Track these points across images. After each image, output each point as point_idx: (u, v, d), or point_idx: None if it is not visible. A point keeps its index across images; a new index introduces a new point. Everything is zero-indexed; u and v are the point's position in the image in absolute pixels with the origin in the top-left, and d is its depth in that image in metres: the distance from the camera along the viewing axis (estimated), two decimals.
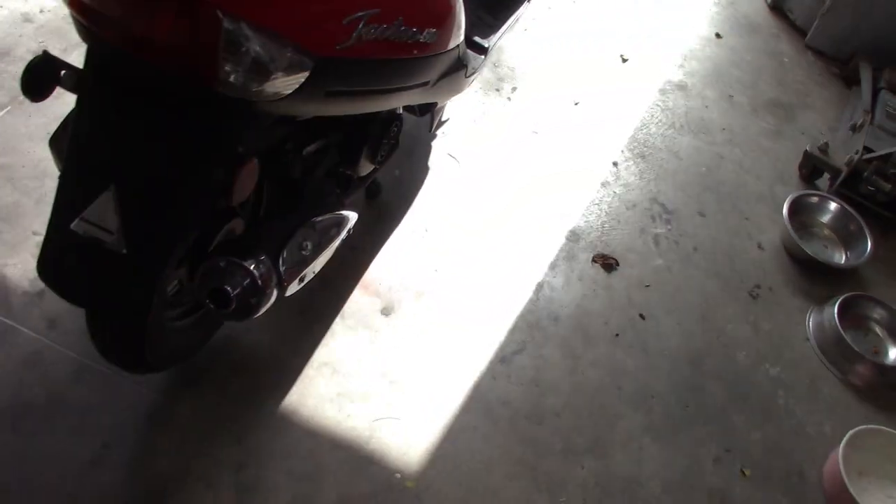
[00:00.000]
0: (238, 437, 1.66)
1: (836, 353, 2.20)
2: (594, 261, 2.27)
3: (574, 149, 2.60)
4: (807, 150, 2.73)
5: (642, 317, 2.17)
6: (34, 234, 1.84)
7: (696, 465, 1.89)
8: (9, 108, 2.07)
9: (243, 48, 1.02)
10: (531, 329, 2.04)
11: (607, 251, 2.30)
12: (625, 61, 3.05)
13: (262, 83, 1.07)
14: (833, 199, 2.62)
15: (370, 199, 2.16)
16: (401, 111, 1.77)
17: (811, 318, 2.32)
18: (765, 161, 2.83)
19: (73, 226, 1.19)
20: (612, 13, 3.28)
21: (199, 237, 1.40)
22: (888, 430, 1.98)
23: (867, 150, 2.62)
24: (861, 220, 2.55)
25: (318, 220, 1.49)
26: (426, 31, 1.36)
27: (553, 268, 2.21)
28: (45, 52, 1.22)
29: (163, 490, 1.56)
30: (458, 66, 1.69)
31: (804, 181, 2.79)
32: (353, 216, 1.59)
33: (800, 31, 3.57)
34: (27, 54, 2.21)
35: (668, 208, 2.51)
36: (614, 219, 2.42)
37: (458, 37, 1.59)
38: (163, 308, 1.42)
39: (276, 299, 1.36)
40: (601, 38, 3.11)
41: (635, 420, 1.94)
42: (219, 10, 1.00)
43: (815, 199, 2.63)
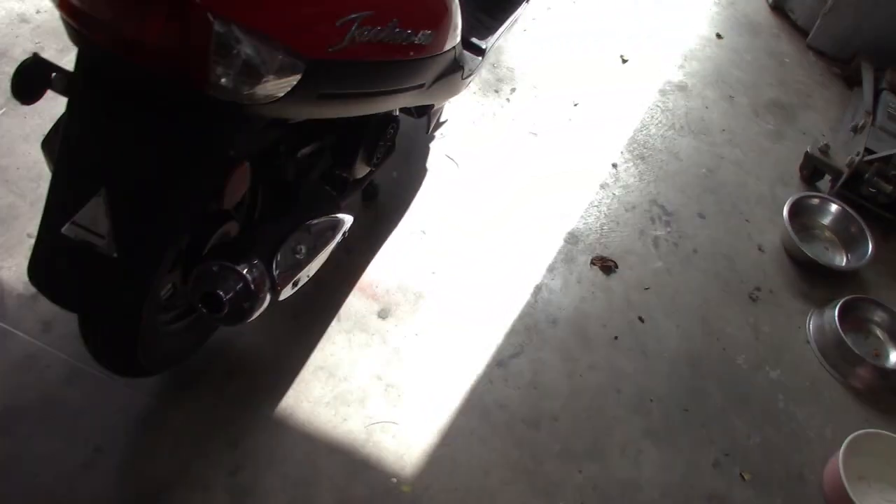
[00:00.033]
0: (233, 440, 1.65)
1: (837, 355, 2.19)
2: (593, 263, 2.25)
3: (573, 150, 2.59)
4: (808, 152, 2.71)
5: (641, 319, 2.16)
6: (29, 236, 1.83)
7: (696, 468, 1.88)
8: (4, 109, 2.07)
9: (234, 51, 1.01)
10: (529, 332, 2.03)
11: (606, 253, 2.29)
12: (625, 62, 3.03)
13: (253, 86, 1.06)
14: (834, 201, 2.60)
15: (367, 201, 2.15)
16: (397, 113, 1.76)
17: (811, 321, 2.31)
18: (765, 162, 2.82)
19: (64, 230, 1.18)
20: (611, 13, 3.26)
21: (192, 240, 1.40)
22: (889, 434, 1.96)
23: (868, 151, 2.61)
24: (862, 222, 2.53)
25: (313, 223, 1.48)
26: (421, 32, 1.34)
27: (551, 270, 2.19)
28: (35, 54, 1.21)
29: (157, 494, 1.55)
30: (455, 68, 1.67)
31: (805, 182, 2.77)
32: (348, 219, 1.58)
33: (801, 32, 3.55)
34: (23, 55, 2.18)
35: (667, 210, 2.50)
36: (613, 221, 2.40)
37: (455, 38, 1.57)
38: (156, 311, 1.41)
39: (270, 304, 1.35)
40: (601, 39, 3.09)
41: (634, 424, 1.93)
42: (209, 13, 0.98)
43: (815, 201, 2.61)
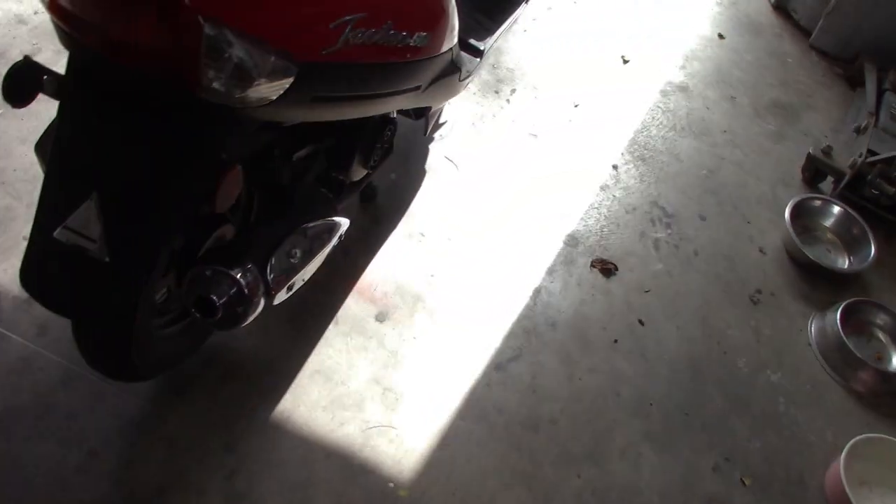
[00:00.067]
0: (229, 444, 1.64)
1: (839, 359, 2.17)
2: (593, 265, 2.24)
3: (573, 151, 2.57)
4: (810, 153, 2.69)
5: (641, 322, 2.14)
6: (25, 238, 1.78)
7: (695, 473, 1.86)
8: (1, 111, 2.06)
9: (225, 54, 1.00)
10: (528, 335, 2.02)
11: (606, 256, 2.28)
12: (626, 62, 3.01)
13: (244, 89, 1.05)
14: (836, 203, 2.58)
15: (365, 203, 2.14)
16: (394, 115, 1.75)
17: (813, 324, 2.29)
18: (767, 163, 2.80)
19: (55, 234, 1.17)
20: (612, 14, 3.25)
21: (187, 243, 1.38)
22: (891, 438, 1.95)
23: (871, 152, 2.59)
24: (864, 223, 2.51)
25: (309, 226, 1.47)
26: (417, 34, 1.33)
27: (551, 273, 2.18)
28: (27, 57, 1.20)
29: (151, 498, 1.54)
30: (452, 70, 1.66)
31: (807, 184, 2.76)
32: (344, 222, 1.57)
33: (804, 31, 3.54)
34: (20, 56, 2.18)
35: (668, 212, 2.48)
36: (613, 223, 2.39)
37: (452, 40, 1.56)
38: (150, 315, 1.40)
39: (264, 308, 1.34)
40: (602, 39, 3.08)
41: (633, 427, 1.91)
42: (200, 16, 0.97)
43: (817, 203, 2.59)
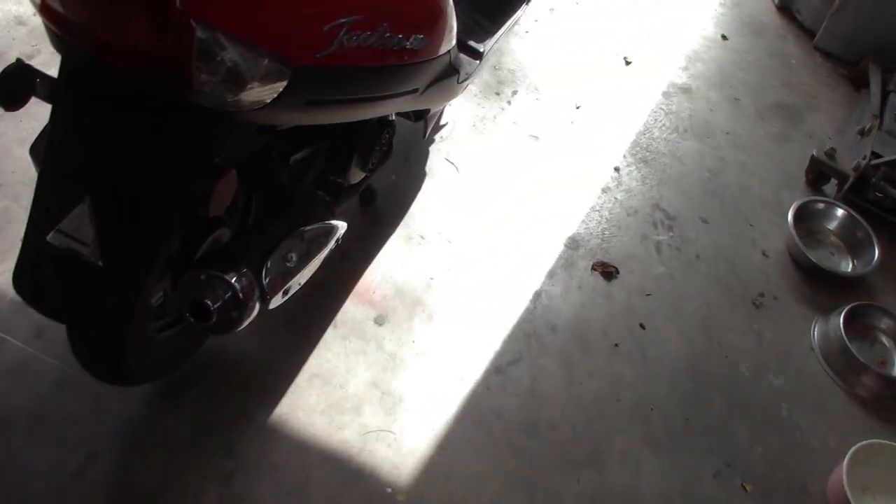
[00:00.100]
0: (227, 448, 1.63)
1: (842, 363, 2.15)
2: (594, 269, 2.22)
3: (575, 154, 2.56)
4: (813, 155, 2.67)
5: (642, 326, 2.13)
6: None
7: (696, 479, 1.85)
8: (0, 112, 2.05)
9: (217, 57, 0.99)
10: (528, 339, 2.00)
11: (607, 259, 2.26)
12: (628, 64, 3.00)
13: (237, 93, 1.04)
14: (840, 206, 2.56)
15: (365, 206, 2.13)
16: (393, 117, 1.74)
17: (816, 328, 2.27)
18: (770, 165, 2.78)
19: (49, 238, 1.16)
20: (614, 15, 3.23)
21: (184, 247, 1.38)
22: (894, 444, 1.92)
23: (875, 155, 2.57)
24: (868, 227, 2.49)
25: (306, 230, 1.46)
26: (413, 37, 1.32)
27: (551, 276, 2.17)
28: (19, 60, 1.19)
29: (148, 502, 1.53)
30: (450, 72, 1.65)
31: (811, 186, 2.74)
32: (342, 226, 1.56)
33: (808, 33, 3.51)
34: (22, 58, 2.18)
35: (670, 214, 2.47)
36: (615, 225, 2.37)
37: (450, 42, 1.55)
38: (146, 319, 1.39)
39: (259, 313, 1.33)
40: (604, 40, 3.06)
41: (634, 432, 1.90)
42: (192, 20, 0.96)
43: (821, 206, 2.57)
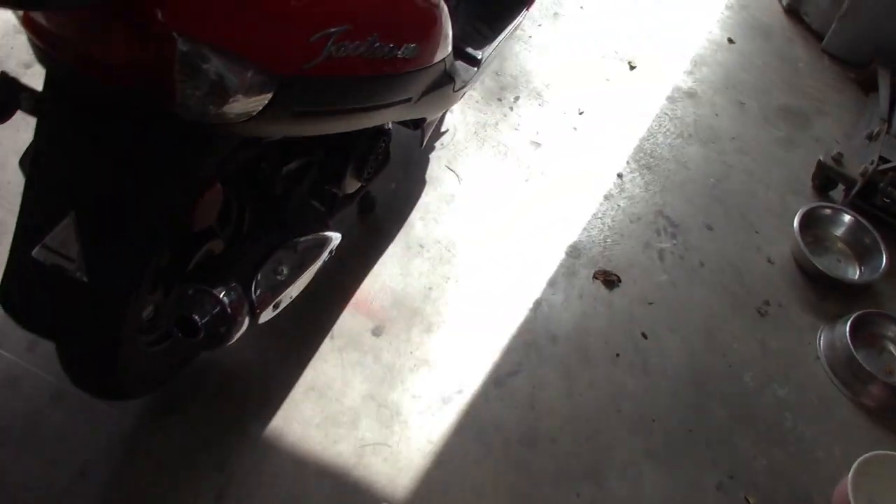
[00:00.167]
0: (220, 462, 1.61)
1: (848, 373, 2.11)
2: (595, 277, 2.19)
3: (578, 160, 2.53)
4: (820, 160, 2.63)
5: (644, 335, 2.09)
6: None
7: (698, 491, 1.82)
8: None
9: (200, 70, 0.97)
10: (528, 349, 1.98)
11: (609, 267, 2.23)
12: (632, 68, 2.96)
13: (221, 105, 1.02)
14: (847, 212, 2.52)
15: (363, 215, 2.10)
16: (389, 126, 1.71)
17: (822, 337, 2.23)
18: (776, 171, 2.74)
19: (34, 253, 1.15)
20: (618, 19, 3.19)
21: (175, 259, 1.36)
22: None
23: (883, 160, 2.53)
24: (876, 233, 2.45)
25: (298, 241, 1.44)
26: (405, 46, 1.29)
27: (552, 285, 2.14)
28: (4, 73, 1.17)
29: None
30: (446, 81, 1.62)
31: (817, 192, 2.69)
32: (335, 237, 1.53)
33: (816, 35, 3.47)
34: (18, 66, 2.18)
35: (673, 221, 2.43)
36: (617, 233, 2.34)
37: (445, 50, 1.52)
38: (136, 333, 1.37)
39: (249, 327, 1.31)
40: (608, 45, 3.03)
41: (635, 444, 1.87)
42: (174, 32, 0.94)
43: (827, 212, 2.53)
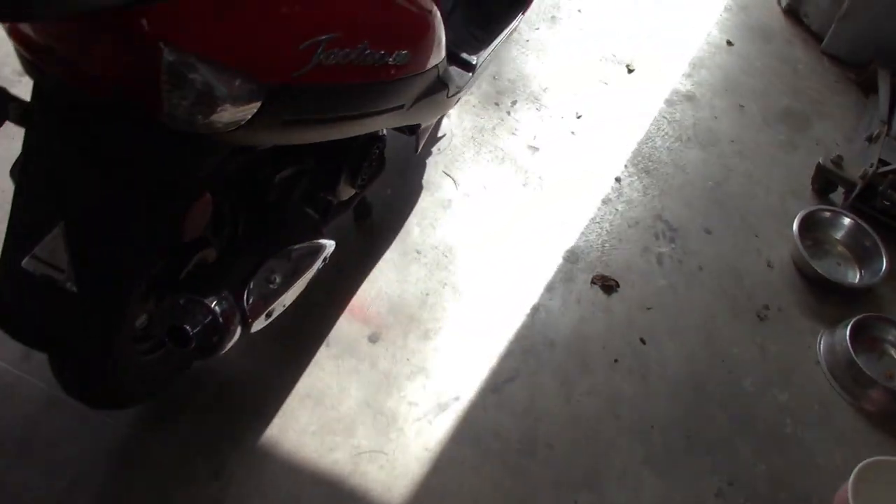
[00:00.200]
0: (214, 472, 1.60)
1: (848, 377, 2.10)
2: (593, 282, 2.18)
3: (575, 164, 2.51)
4: (819, 163, 2.62)
5: (643, 341, 2.08)
6: None
7: (697, 499, 1.80)
8: None
9: (187, 80, 0.96)
10: (525, 355, 1.96)
11: (607, 272, 2.22)
12: (631, 72, 2.95)
13: (209, 115, 1.01)
14: (847, 215, 2.51)
15: (360, 221, 2.09)
16: (384, 132, 1.71)
17: (822, 341, 2.22)
18: (776, 174, 2.73)
19: (23, 263, 1.14)
20: (616, 22, 3.18)
21: (168, 268, 1.35)
22: None
23: (883, 162, 2.52)
24: (876, 236, 2.43)
25: (291, 249, 1.43)
26: (396, 53, 1.28)
27: (550, 290, 2.13)
28: None
29: None
30: (439, 87, 1.61)
31: (817, 195, 2.68)
32: (329, 245, 1.52)
33: (815, 37, 3.46)
34: (13, 75, 2.18)
35: (672, 225, 2.42)
36: (615, 237, 2.33)
37: (438, 56, 1.51)
38: (128, 343, 1.36)
39: (241, 336, 1.30)
40: (606, 48, 3.02)
41: (633, 451, 1.85)
42: (161, 41, 0.94)
43: (827, 215, 2.52)
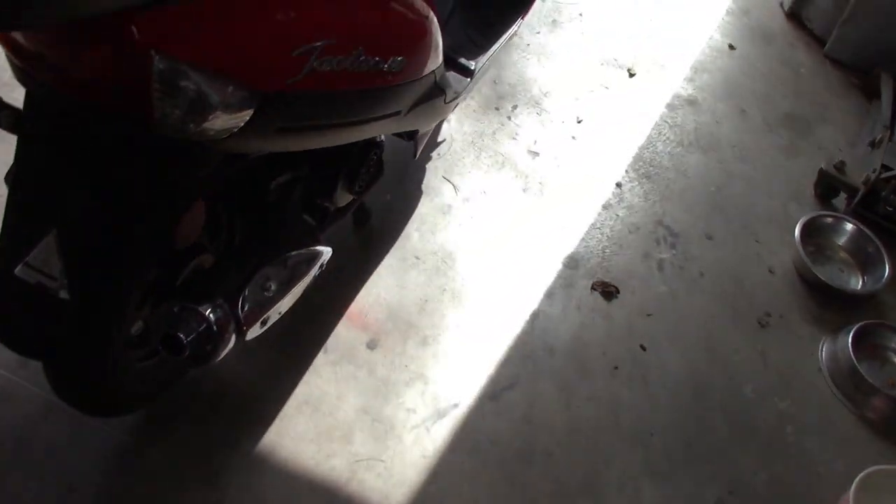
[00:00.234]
0: (211, 479, 1.59)
1: (850, 385, 2.08)
2: (593, 288, 2.17)
3: (576, 169, 2.50)
4: (822, 168, 2.60)
5: (643, 348, 2.07)
6: None
7: None
8: None
9: (178, 87, 0.96)
10: (524, 362, 1.95)
11: (608, 278, 2.21)
12: (632, 76, 2.94)
13: (200, 123, 1.00)
14: (849, 220, 2.49)
15: (358, 226, 2.09)
16: (381, 137, 1.70)
17: (824, 348, 2.20)
18: (778, 179, 2.72)
19: (17, 271, 1.14)
20: (618, 26, 3.17)
21: (164, 274, 1.34)
22: None
23: (885, 168, 2.50)
24: (879, 242, 2.42)
25: (287, 256, 1.42)
26: (391, 59, 1.28)
27: (550, 296, 2.12)
28: None
29: None
30: (436, 93, 1.60)
31: (819, 200, 2.67)
32: (326, 251, 1.52)
33: (818, 41, 3.44)
34: (12, 80, 2.17)
35: (673, 231, 2.41)
36: (616, 243, 2.32)
37: (435, 62, 1.50)
38: (124, 350, 1.36)
39: (236, 344, 1.30)
40: (607, 52, 3.01)
41: (633, 459, 1.84)
42: (151, 49, 0.93)
43: (829, 220, 2.50)
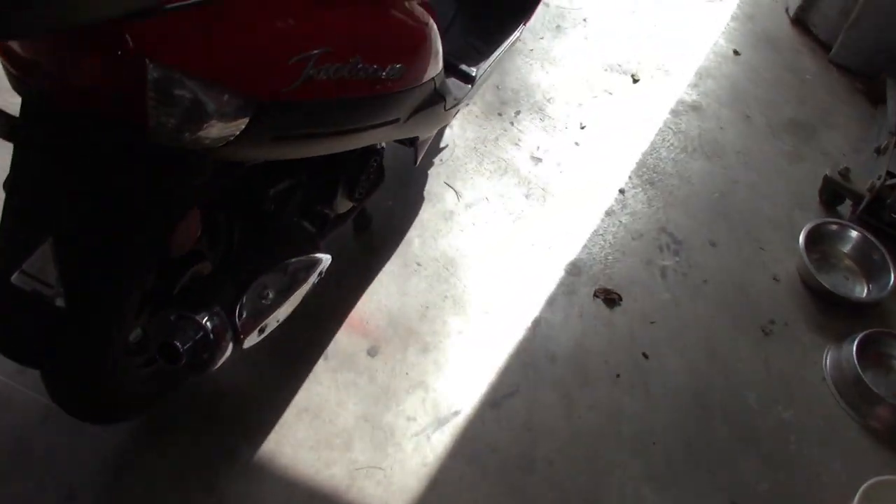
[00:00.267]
0: (210, 486, 1.59)
1: (855, 394, 2.07)
2: (596, 295, 2.16)
3: (579, 175, 2.49)
4: (827, 175, 2.59)
5: (646, 356, 2.06)
6: None
7: None
8: None
9: (173, 96, 0.95)
10: (525, 369, 1.94)
11: (610, 285, 2.20)
12: (636, 81, 2.94)
13: (196, 131, 1.00)
14: (854, 228, 2.47)
15: (359, 232, 2.08)
16: (381, 144, 1.69)
17: (828, 356, 2.18)
18: (782, 185, 2.70)
19: (13, 279, 1.13)
20: (622, 31, 3.16)
21: (162, 282, 1.34)
22: None
23: (891, 174, 2.49)
24: (884, 249, 2.40)
25: (286, 263, 1.42)
26: (390, 67, 1.27)
27: (551, 303, 2.11)
28: None
29: None
30: (436, 100, 1.59)
31: (824, 207, 2.65)
32: (325, 259, 1.51)
33: (823, 47, 3.43)
34: (7, 87, 2.18)
35: (676, 238, 2.39)
36: (619, 250, 2.30)
37: (435, 69, 1.50)
38: (122, 357, 1.35)
39: (233, 353, 1.29)
40: (611, 57, 3.00)
41: (634, 467, 1.83)
42: (146, 58, 0.93)
43: (834, 227, 2.49)
